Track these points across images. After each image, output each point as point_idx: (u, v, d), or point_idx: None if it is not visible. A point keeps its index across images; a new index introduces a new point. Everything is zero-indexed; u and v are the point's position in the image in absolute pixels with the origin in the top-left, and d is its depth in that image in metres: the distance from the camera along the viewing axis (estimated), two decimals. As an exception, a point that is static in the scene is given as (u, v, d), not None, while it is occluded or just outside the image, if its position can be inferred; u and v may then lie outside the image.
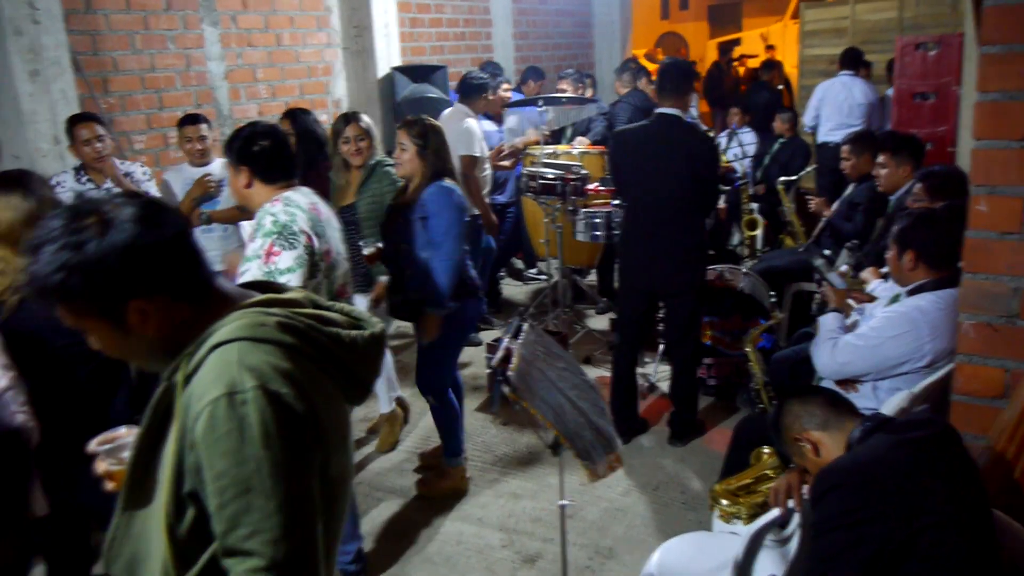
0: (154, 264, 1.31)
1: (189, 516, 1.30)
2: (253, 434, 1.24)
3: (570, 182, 5.12)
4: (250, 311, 1.36)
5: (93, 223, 1.28)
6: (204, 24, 5.87)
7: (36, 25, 4.50)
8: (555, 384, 2.24)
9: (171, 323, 1.35)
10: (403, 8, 7.37)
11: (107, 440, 1.60)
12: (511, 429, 4.54)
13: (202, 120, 4.61)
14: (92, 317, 1.31)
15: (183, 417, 1.29)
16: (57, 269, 1.26)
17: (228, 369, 1.27)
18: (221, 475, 1.24)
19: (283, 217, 2.65)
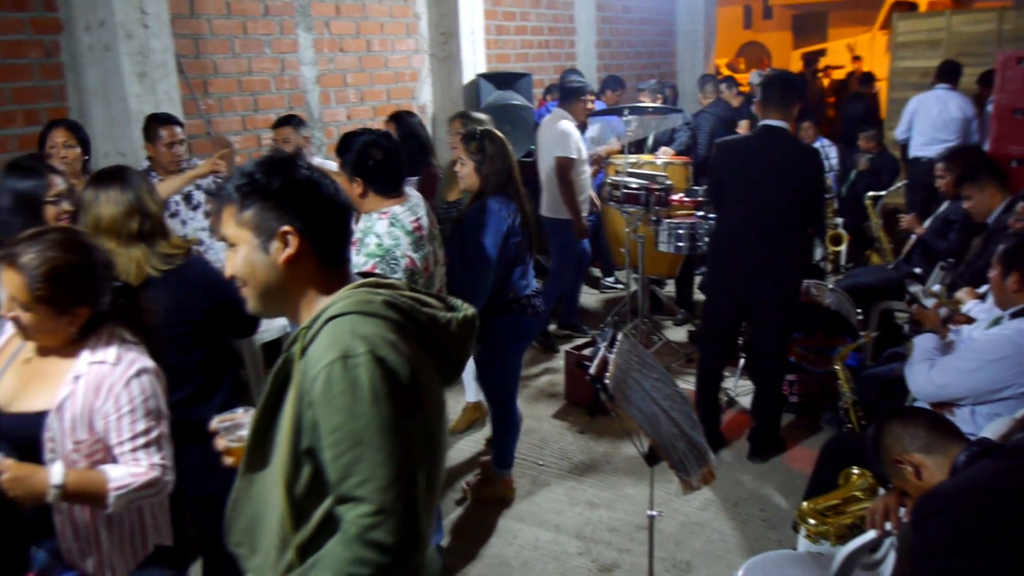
0: (320, 214, 1.51)
1: (305, 473, 1.44)
2: (364, 393, 1.37)
3: (654, 192, 5.10)
4: (360, 290, 1.50)
5: (289, 161, 1.53)
6: (299, 30, 6.04)
7: (145, 29, 4.71)
8: (650, 394, 2.24)
9: (300, 268, 1.51)
10: (489, 16, 7.45)
11: (226, 419, 1.70)
12: (588, 437, 4.54)
13: (294, 122, 4.74)
14: (247, 229, 1.49)
15: (301, 381, 1.43)
16: (247, 180, 1.49)
17: (342, 337, 1.41)
18: (336, 429, 1.38)
19: (387, 241, 2.75)
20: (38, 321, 1.92)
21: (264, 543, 1.51)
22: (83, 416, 1.93)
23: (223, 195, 1.52)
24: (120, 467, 1.94)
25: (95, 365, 1.95)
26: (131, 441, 1.95)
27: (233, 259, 1.52)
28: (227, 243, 1.53)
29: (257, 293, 1.53)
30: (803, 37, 20.12)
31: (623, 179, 5.24)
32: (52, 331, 1.96)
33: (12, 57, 4.62)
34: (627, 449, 4.36)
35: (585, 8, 8.87)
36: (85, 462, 1.94)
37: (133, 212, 2.41)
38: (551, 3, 8.48)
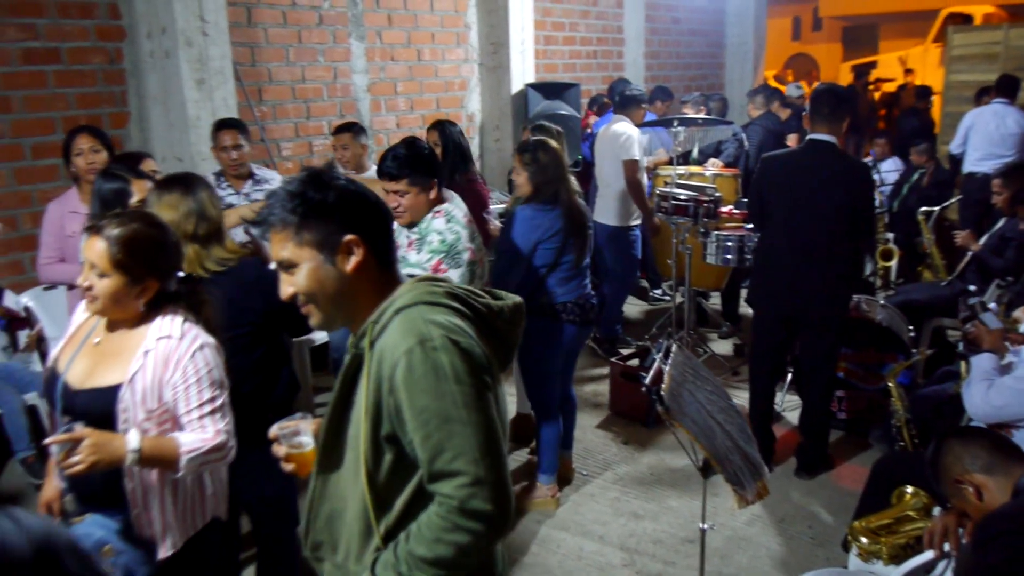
0: (373, 219, 1.58)
1: (387, 460, 1.50)
2: (446, 373, 1.44)
3: (703, 204, 5.07)
4: (420, 283, 1.57)
5: (337, 176, 1.58)
6: (352, 39, 6.14)
7: (205, 37, 4.82)
8: (704, 407, 2.23)
9: (364, 274, 1.56)
10: (539, 26, 7.49)
11: (286, 426, 1.74)
12: (632, 448, 4.53)
13: (354, 129, 4.79)
14: (309, 246, 1.53)
15: (377, 371, 1.48)
16: (300, 199, 1.52)
17: (416, 324, 1.47)
18: (424, 410, 1.43)
19: (449, 236, 2.82)
20: (112, 290, 2.03)
21: (345, 536, 1.56)
22: (153, 387, 2.05)
23: (271, 221, 1.54)
24: (189, 433, 2.07)
25: (162, 340, 2.08)
26: (198, 409, 2.08)
27: (293, 279, 1.55)
28: (282, 266, 1.56)
29: (326, 306, 1.57)
30: (853, 49, 19.87)
31: (671, 190, 5.23)
32: (123, 302, 2.07)
33: (77, 63, 4.77)
34: (672, 461, 4.34)
35: (634, 19, 8.87)
36: (156, 430, 2.06)
37: (191, 215, 2.48)
38: (600, 14, 8.49)
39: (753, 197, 4.26)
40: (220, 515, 2.26)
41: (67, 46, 4.72)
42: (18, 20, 4.51)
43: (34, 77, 4.60)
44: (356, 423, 1.53)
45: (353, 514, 1.54)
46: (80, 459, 1.88)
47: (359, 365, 1.53)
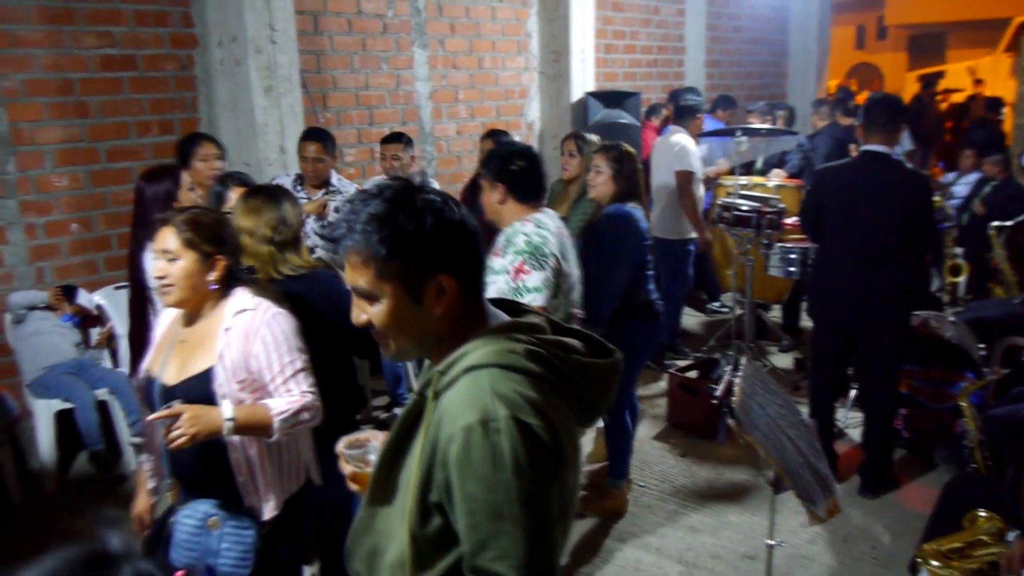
0: (468, 251, 1.41)
1: (435, 524, 1.37)
2: (505, 463, 1.27)
3: (766, 215, 5.00)
4: (500, 336, 1.39)
5: (429, 198, 1.37)
6: (415, 47, 6.21)
7: (273, 45, 4.92)
8: (775, 421, 2.19)
9: (452, 312, 1.40)
10: (600, 35, 7.48)
11: (353, 442, 1.69)
12: (690, 461, 4.47)
13: (404, 139, 4.87)
14: (392, 282, 1.36)
15: (434, 433, 1.35)
16: (390, 228, 1.33)
17: (481, 396, 1.30)
18: (473, 498, 1.29)
19: (536, 238, 2.78)
20: (186, 271, 2.15)
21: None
22: (240, 360, 2.17)
23: (349, 245, 1.37)
24: (278, 398, 2.18)
25: (238, 315, 2.19)
26: (281, 373, 2.19)
27: (370, 310, 1.40)
28: (359, 293, 1.41)
29: (403, 342, 1.44)
30: (919, 59, 19.42)
31: (734, 200, 5.17)
32: (195, 284, 2.18)
33: (151, 70, 4.91)
34: (731, 475, 4.28)
35: (695, 27, 8.80)
36: (250, 399, 2.17)
37: (271, 220, 2.58)
38: (661, 22, 8.45)
39: (808, 209, 4.22)
40: (313, 478, 2.39)
41: (142, 53, 4.86)
42: (97, 28, 4.66)
43: (111, 83, 4.75)
44: (409, 472, 1.40)
45: (393, 557, 1.43)
46: (181, 431, 1.98)
47: (421, 411, 1.40)
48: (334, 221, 1.44)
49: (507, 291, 2.69)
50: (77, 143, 4.67)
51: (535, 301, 2.68)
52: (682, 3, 8.63)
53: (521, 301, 2.14)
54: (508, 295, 2.68)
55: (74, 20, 4.57)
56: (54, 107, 4.57)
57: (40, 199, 4.58)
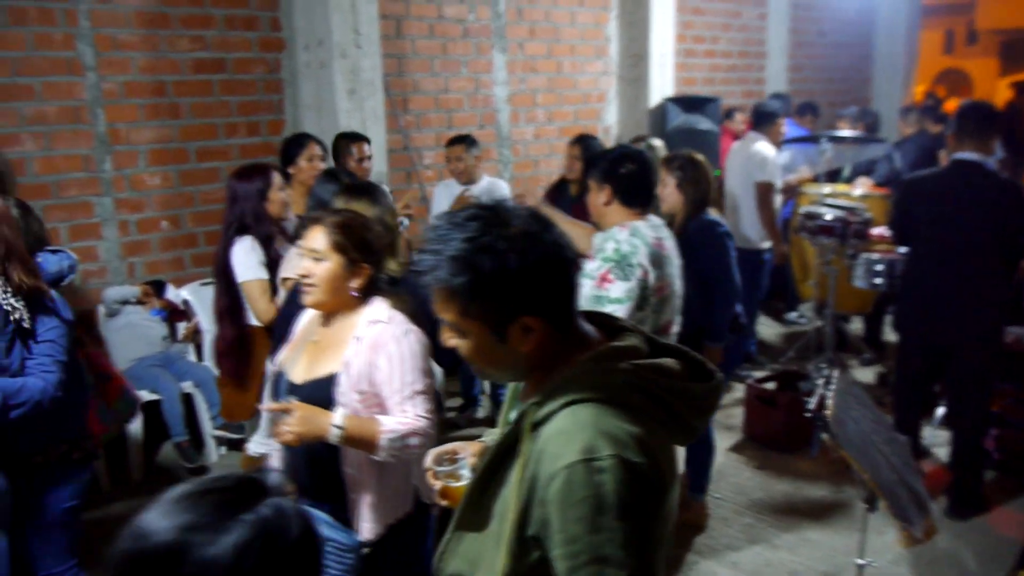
0: (555, 286, 1.34)
1: (533, 557, 1.33)
2: (609, 504, 1.23)
3: (851, 224, 4.87)
4: (599, 367, 1.35)
5: (515, 234, 1.30)
6: (494, 51, 6.24)
7: (358, 49, 5.01)
8: (869, 436, 2.13)
9: (542, 348, 1.36)
10: (680, 39, 7.39)
11: (443, 454, 1.68)
12: (766, 474, 4.37)
13: (468, 141, 4.89)
14: (476, 321, 1.34)
15: (533, 468, 1.31)
16: (472, 272, 1.29)
17: (583, 432, 1.27)
18: (574, 540, 1.24)
19: (625, 247, 2.73)
20: (330, 273, 2.16)
21: None
22: (364, 371, 2.15)
23: (437, 283, 1.33)
24: (391, 417, 2.13)
25: (372, 325, 2.18)
26: (399, 392, 2.14)
27: (457, 342, 1.39)
28: (446, 325, 1.39)
29: (491, 371, 1.46)
30: (1012, 64, 18.64)
31: (817, 209, 5.04)
32: (338, 288, 2.18)
33: (240, 73, 5.05)
34: (810, 491, 4.17)
35: (778, 32, 8.63)
36: (366, 412, 2.15)
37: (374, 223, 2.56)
38: (743, 27, 8.31)
39: (895, 221, 4.10)
40: (424, 499, 2.34)
41: (232, 56, 5.00)
42: (190, 32, 4.81)
43: (202, 85, 4.90)
44: (504, 501, 1.37)
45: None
46: (289, 429, 1.99)
47: (515, 442, 1.36)
48: (424, 253, 1.36)
49: (589, 297, 2.67)
50: (169, 143, 4.83)
51: (616, 312, 2.61)
52: (764, 7, 8.48)
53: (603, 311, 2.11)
54: (589, 301, 2.66)
55: (169, 24, 4.73)
56: (149, 108, 4.73)
57: (133, 197, 4.75)
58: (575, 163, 4.81)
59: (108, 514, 4.04)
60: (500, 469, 1.40)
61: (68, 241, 4.55)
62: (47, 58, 4.36)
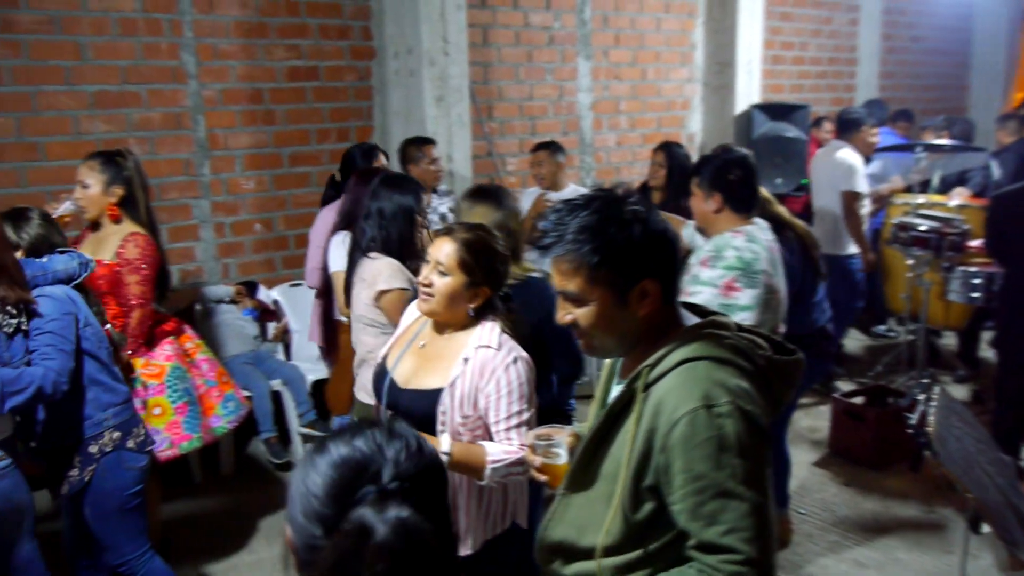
0: (669, 257, 1.51)
1: (646, 510, 1.46)
2: (730, 443, 1.37)
3: (947, 236, 4.71)
4: (705, 333, 1.50)
5: (633, 209, 1.48)
6: (579, 58, 6.25)
7: (446, 57, 5.09)
8: (973, 456, 2.06)
9: (652, 313, 1.50)
10: (768, 45, 7.28)
11: (543, 435, 1.73)
12: (853, 491, 4.26)
13: (552, 147, 4.90)
14: (601, 286, 1.47)
15: (650, 421, 1.44)
16: (601, 238, 1.44)
17: (701, 384, 1.41)
18: (700, 477, 1.37)
19: (747, 255, 2.72)
20: (451, 289, 2.16)
21: (578, 564, 1.54)
22: (469, 394, 2.13)
23: (560, 253, 1.47)
24: (496, 444, 2.13)
25: (481, 349, 2.15)
26: (506, 421, 2.13)
27: (576, 311, 1.50)
28: (566, 296, 1.51)
29: (605, 341, 1.53)
30: (1121, 70, 17.68)
31: (912, 220, 4.90)
32: (455, 304, 2.18)
33: (332, 80, 5.19)
34: (899, 510, 4.04)
35: (870, 38, 8.41)
36: (468, 436, 2.14)
37: (499, 229, 2.52)
38: (833, 32, 8.12)
39: (989, 237, 3.95)
40: (520, 523, 2.31)
41: (324, 64, 5.15)
42: (286, 41, 4.98)
43: (296, 93, 5.05)
44: (615, 461, 1.50)
45: (590, 545, 1.52)
46: None
47: (628, 403, 1.50)
48: (541, 230, 1.47)
49: (715, 306, 2.65)
50: (263, 148, 5.00)
51: (745, 320, 2.61)
52: (856, 12, 8.27)
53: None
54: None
55: (267, 34, 4.90)
56: (245, 115, 4.91)
57: (229, 200, 4.94)
58: (659, 170, 4.79)
59: (199, 505, 4.20)
60: (610, 432, 1.53)
61: (168, 242, 4.74)
62: (153, 67, 4.57)
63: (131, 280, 3.23)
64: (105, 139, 4.39)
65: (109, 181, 3.26)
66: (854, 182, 5.10)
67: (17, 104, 4.23)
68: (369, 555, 0.99)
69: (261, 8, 4.86)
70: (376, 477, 1.07)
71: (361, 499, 1.05)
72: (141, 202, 3.35)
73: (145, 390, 3.30)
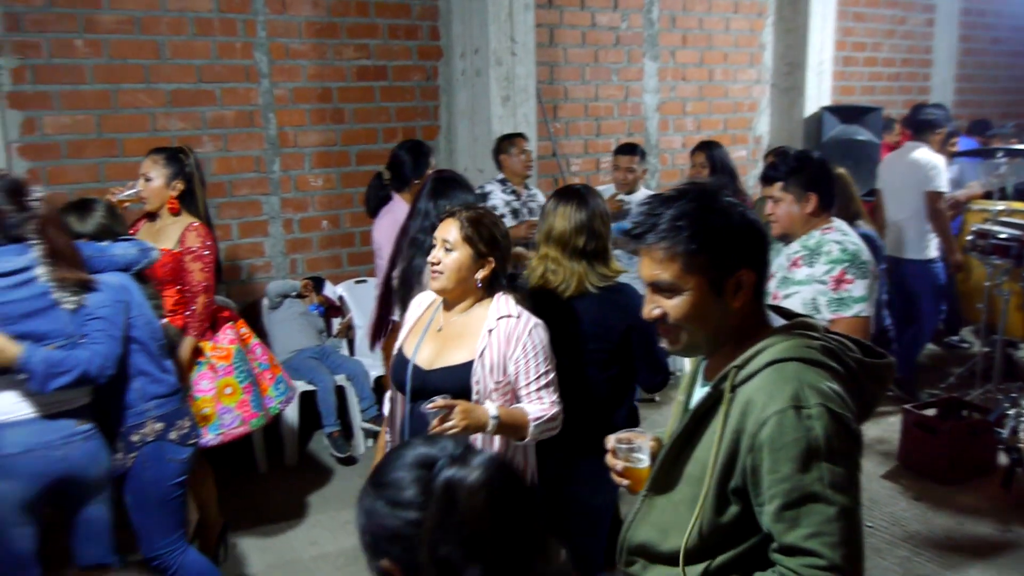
0: (763, 249, 1.50)
1: (731, 512, 1.43)
2: (819, 446, 1.34)
3: (1028, 244, 4.54)
4: (795, 333, 1.47)
5: (728, 200, 1.47)
6: (646, 58, 6.20)
7: (513, 57, 5.09)
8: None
9: (744, 308, 1.48)
10: (839, 46, 7.12)
11: (624, 439, 1.72)
12: (924, 506, 4.13)
13: (639, 151, 4.87)
14: (697, 275, 1.44)
15: (737, 422, 1.41)
16: (700, 225, 1.43)
17: (790, 385, 1.38)
18: (786, 479, 1.35)
19: (851, 246, 2.72)
20: (458, 263, 2.29)
21: (661, 568, 1.53)
22: (499, 362, 2.28)
23: (655, 241, 1.45)
24: (531, 404, 2.31)
25: (503, 319, 2.31)
26: (535, 381, 2.31)
27: (666, 303, 1.47)
28: (656, 287, 1.48)
29: (696, 335, 1.49)
30: None
31: (991, 227, 4.73)
32: (464, 278, 2.31)
33: (399, 80, 5.24)
34: (974, 527, 3.91)
35: (946, 39, 8.16)
36: (501, 400, 2.29)
37: (582, 230, 2.59)
38: (907, 33, 7.91)
39: None
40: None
41: (392, 64, 5.20)
42: (355, 41, 5.04)
43: (364, 92, 5.11)
44: (699, 463, 1.47)
45: (673, 547, 1.49)
46: (455, 423, 2.10)
47: (713, 405, 1.47)
48: (634, 220, 1.47)
49: (824, 303, 2.65)
50: (332, 147, 5.07)
51: (862, 312, 2.62)
52: (932, 12, 8.03)
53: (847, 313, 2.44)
54: (830, 305, 2.65)
55: (337, 34, 4.97)
56: (315, 113, 4.98)
57: (298, 197, 5.02)
58: (700, 171, 4.74)
59: (264, 495, 4.28)
60: (695, 434, 1.51)
61: (238, 237, 4.86)
62: (227, 66, 4.67)
63: (195, 267, 3.36)
64: (180, 136, 4.50)
65: (172, 176, 3.39)
66: (938, 182, 4.97)
67: (98, 102, 4.37)
68: (465, 497, 1.05)
69: (332, 8, 4.93)
70: (442, 451, 1.14)
71: (439, 469, 1.11)
72: (200, 197, 3.51)
73: (215, 372, 3.39)
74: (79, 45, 4.27)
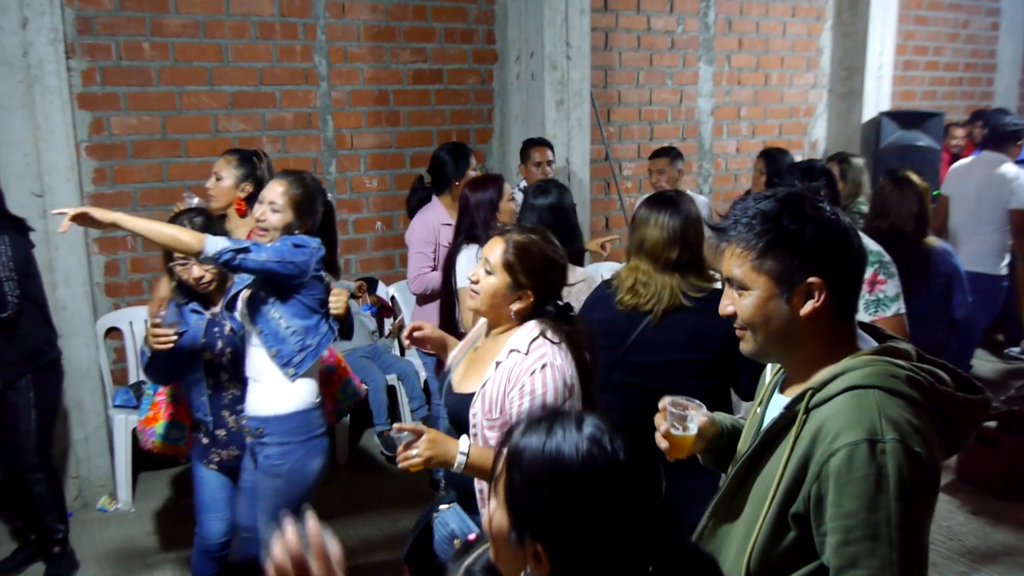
0: (846, 264, 1.43)
1: (788, 539, 1.38)
2: (889, 484, 1.27)
3: (1096, 255, 4.40)
4: (880, 359, 1.39)
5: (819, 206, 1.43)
6: (701, 63, 6.16)
7: (568, 60, 5.10)
8: None
9: (819, 322, 1.42)
10: (900, 51, 6.98)
11: (679, 404, 1.68)
12: (983, 520, 4.04)
13: (672, 153, 4.83)
14: (765, 275, 1.42)
15: (807, 447, 1.36)
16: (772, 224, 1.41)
17: (868, 415, 1.31)
18: (850, 514, 1.29)
19: (873, 247, 2.74)
20: (493, 288, 2.14)
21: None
22: (497, 398, 2.10)
23: (732, 235, 1.45)
24: None
25: (512, 353, 2.11)
26: None
27: (738, 302, 1.46)
28: (731, 282, 1.47)
29: (763, 338, 1.46)
30: None
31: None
32: (498, 305, 2.16)
33: (454, 83, 5.29)
34: (1034, 545, 3.81)
35: (1011, 42, 7.95)
36: (493, 438, 2.08)
37: (675, 241, 2.48)
38: (971, 37, 7.72)
39: None
40: None
41: (448, 68, 5.25)
42: (412, 45, 5.10)
43: (420, 95, 5.17)
44: (764, 484, 1.43)
45: (729, 569, 1.45)
46: (416, 453, 1.98)
47: (787, 426, 1.42)
48: (727, 214, 1.47)
49: (861, 306, 2.64)
50: (387, 149, 5.14)
51: (900, 309, 2.63)
52: (997, 16, 7.83)
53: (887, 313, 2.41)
54: (867, 309, 2.66)
55: (395, 37, 5.03)
56: (371, 116, 5.05)
57: (353, 198, 5.09)
58: (760, 177, 4.69)
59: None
60: (764, 455, 1.46)
61: (295, 237, 4.94)
62: (287, 69, 4.76)
63: None
64: (241, 137, 4.61)
65: (242, 177, 3.44)
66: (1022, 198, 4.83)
67: (162, 103, 4.49)
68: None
69: (390, 12, 5.00)
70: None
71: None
72: None
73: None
74: (146, 48, 4.40)
